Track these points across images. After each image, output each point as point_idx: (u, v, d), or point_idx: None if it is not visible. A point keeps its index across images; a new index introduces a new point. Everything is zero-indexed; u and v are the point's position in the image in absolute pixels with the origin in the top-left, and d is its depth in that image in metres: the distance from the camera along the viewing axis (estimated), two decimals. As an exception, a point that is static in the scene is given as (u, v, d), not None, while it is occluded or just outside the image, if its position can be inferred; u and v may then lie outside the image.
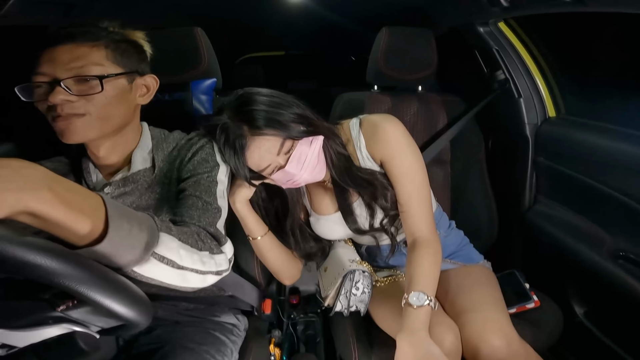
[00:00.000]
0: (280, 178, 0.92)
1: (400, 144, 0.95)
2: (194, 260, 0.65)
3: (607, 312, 1.16)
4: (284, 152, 0.88)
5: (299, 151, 0.88)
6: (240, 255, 1.09)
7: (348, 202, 1.02)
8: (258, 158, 0.87)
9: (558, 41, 1.34)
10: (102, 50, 0.76)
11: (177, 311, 0.98)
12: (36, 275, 0.39)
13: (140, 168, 0.86)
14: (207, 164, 0.85)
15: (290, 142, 0.87)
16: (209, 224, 0.77)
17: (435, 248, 0.93)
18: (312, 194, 1.08)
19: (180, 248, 0.63)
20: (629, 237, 1.02)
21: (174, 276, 0.62)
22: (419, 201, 0.96)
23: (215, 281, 0.72)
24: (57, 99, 0.71)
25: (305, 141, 0.89)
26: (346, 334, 1.05)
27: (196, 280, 0.67)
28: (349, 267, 1.03)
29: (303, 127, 0.88)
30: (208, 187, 0.82)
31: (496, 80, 1.41)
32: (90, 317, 0.50)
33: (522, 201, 1.39)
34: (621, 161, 1.05)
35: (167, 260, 0.60)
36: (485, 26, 1.36)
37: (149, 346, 0.87)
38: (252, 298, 1.07)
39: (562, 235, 1.21)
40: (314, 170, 0.92)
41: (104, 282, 0.45)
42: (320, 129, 0.91)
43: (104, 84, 0.74)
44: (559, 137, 1.27)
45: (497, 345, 0.87)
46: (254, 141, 0.85)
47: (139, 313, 0.48)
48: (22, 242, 0.39)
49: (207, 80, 1.13)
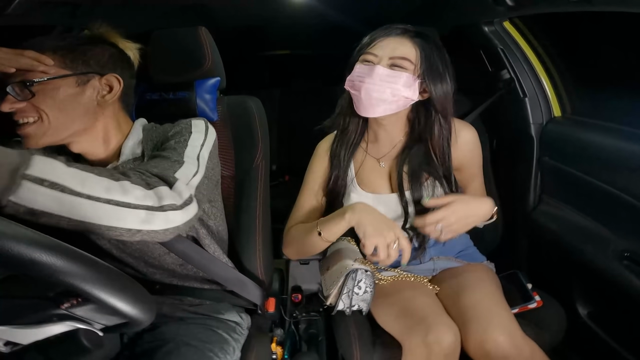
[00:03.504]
0: (361, 71, 0.95)
1: (477, 151, 1.07)
2: (104, 187, 0.58)
3: (612, 313, 1.15)
4: (396, 65, 0.92)
5: (399, 77, 0.91)
6: (243, 254, 1.10)
7: (416, 182, 1.01)
8: (401, 45, 0.93)
9: (564, 40, 1.33)
10: (50, 56, 0.77)
11: (182, 307, 0.99)
12: (38, 273, 0.40)
13: (129, 157, 0.88)
14: (179, 134, 0.85)
15: (414, 71, 0.93)
16: (154, 167, 0.71)
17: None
18: (362, 170, 1.08)
19: (74, 173, 0.57)
20: (634, 237, 1.01)
21: (80, 208, 0.55)
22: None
23: (168, 224, 0.64)
24: (5, 107, 0.74)
25: (411, 82, 0.92)
26: (348, 333, 1.05)
27: (128, 217, 0.59)
28: (351, 266, 1.03)
29: (438, 82, 0.94)
30: (174, 148, 0.80)
31: (501, 80, 1.40)
32: (94, 315, 0.50)
33: (527, 201, 1.38)
34: (627, 161, 1.04)
35: (50, 183, 0.53)
36: (490, 25, 1.35)
37: (152, 343, 0.88)
38: (255, 296, 1.07)
39: (566, 235, 1.20)
40: (380, 100, 0.93)
41: (107, 280, 0.45)
42: (437, 100, 0.95)
43: (35, 88, 0.75)
44: (564, 137, 1.26)
45: (501, 341, 0.88)
46: (408, 40, 0.94)
47: (142, 311, 0.49)
48: (24, 238, 0.40)
49: (211, 80, 1.13)
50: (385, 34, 0.95)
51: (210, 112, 1.12)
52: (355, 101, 0.99)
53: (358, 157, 1.09)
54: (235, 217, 1.11)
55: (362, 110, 0.97)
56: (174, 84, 1.13)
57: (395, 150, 1.06)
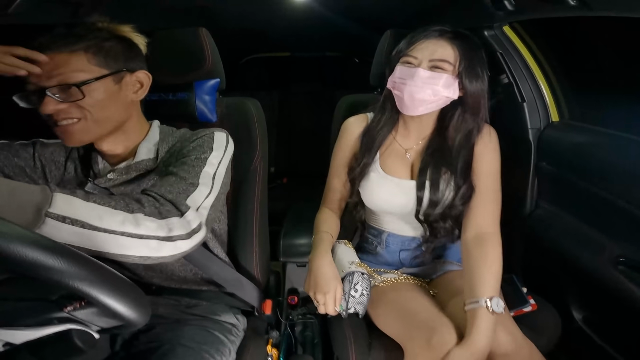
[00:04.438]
0: (402, 72, 0.98)
1: (496, 148, 1.05)
2: (118, 221, 0.61)
3: (606, 318, 1.15)
4: (437, 67, 0.95)
5: (439, 78, 0.94)
6: (240, 256, 1.10)
7: (437, 176, 1.02)
8: (440, 47, 0.96)
9: (563, 45, 1.33)
10: (82, 55, 0.78)
11: (179, 308, 0.99)
12: (31, 272, 0.40)
13: (144, 158, 0.89)
14: (200, 149, 0.86)
15: (453, 71, 0.96)
16: (169, 192, 0.73)
17: (500, 247, 0.98)
18: (386, 154, 1.10)
19: (91, 208, 0.59)
20: (630, 243, 1.01)
21: (96, 240, 0.59)
22: (496, 199, 1.03)
23: (174, 251, 0.67)
24: (48, 109, 0.74)
25: (451, 81, 0.96)
26: (344, 335, 1.06)
27: (137, 247, 0.63)
28: (347, 268, 1.03)
29: (474, 81, 0.97)
30: (192, 166, 0.81)
31: (500, 84, 1.40)
32: (95, 318, 0.50)
33: (524, 206, 1.38)
34: (624, 167, 1.04)
35: (72, 220, 0.56)
36: (489, 30, 1.35)
37: (148, 345, 0.88)
38: (252, 298, 1.07)
39: (562, 240, 1.20)
40: (422, 100, 0.96)
41: (100, 278, 0.44)
42: (472, 98, 0.98)
43: (85, 89, 0.76)
44: (561, 142, 1.27)
45: (502, 340, 0.89)
46: (446, 42, 0.97)
47: (136, 311, 0.48)
48: (19, 238, 0.40)
49: (211, 81, 1.14)
50: (424, 36, 0.98)
51: (209, 114, 1.13)
52: (397, 101, 1.02)
53: (386, 142, 1.11)
54: (232, 219, 1.11)
55: (404, 109, 1.01)
56: (174, 84, 1.13)
57: (422, 143, 1.09)
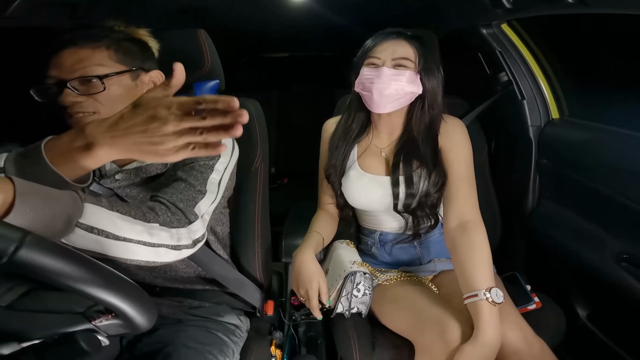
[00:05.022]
0: (369, 73, 1.02)
1: (464, 138, 1.08)
2: (137, 231, 0.64)
3: (610, 315, 1.15)
4: (400, 65, 1.00)
5: (403, 75, 0.99)
6: (242, 257, 1.10)
7: (409, 169, 1.06)
8: (400, 47, 1.02)
9: (561, 43, 1.33)
10: (104, 51, 0.79)
11: (181, 309, 0.98)
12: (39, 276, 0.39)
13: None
14: (208, 157, 0.86)
15: (415, 68, 1.01)
16: (180, 200, 0.76)
17: (485, 234, 0.99)
18: (364, 155, 1.14)
19: (115, 218, 0.62)
20: (632, 239, 1.01)
21: (115, 248, 0.62)
22: (471, 186, 1.04)
23: (177, 257, 0.71)
24: (67, 100, 0.76)
25: (414, 78, 1.01)
26: (347, 335, 1.05)
27: (147, 254, 0.66)
28: (350, 268, 1.03)
29: (430, 76, 1.02)
30: (200, 172, 0.83)
31: (499, 82, 1.40)
32: (115, 328, 0.50)
33: (525, 204, 1.38)
34: (624, 164, 1.04)
35: (98, 230, 0.59)
36: (488, 28, 1.35)
37: (152, 346, 0.88)
38: (254, 298, 1.07)
39: (565, 237, 1.20)
40: (390, 96, 1.01)
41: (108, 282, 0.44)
42: (430, 93, 1.03)
43: (106, 82, 0.77)
44: (562, 140, 1.27)
45: (513, 337, 0.89)
46: (405, 41, 1.02)
47: (144, 315, 0.48)
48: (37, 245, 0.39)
49: (210, 82, 1.13)
50: (383, 38, 1.04)
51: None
52: (367, 100, 1.06)
53: (363, 144, 1.15)
54: (234, 220, 1.11)
55: (375, 107, 1.05)
56: (173, 86, 1.12)
57: (395, 141, 1.12)
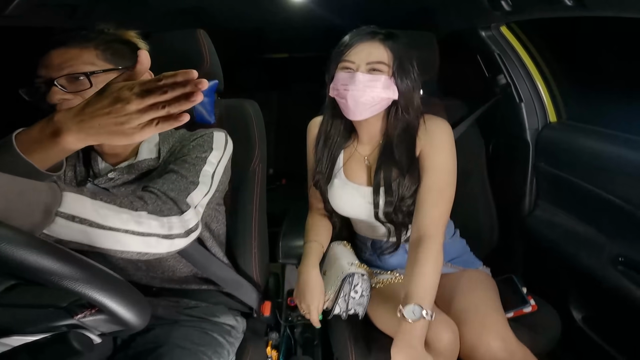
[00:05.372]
0: (343, 79, 0.98)
1: (444, 140, 1.01)
2: (123, 220, 0.62)
3: (606, 318, 1.15)
4: (375, 70, 0.96)
5: (378, 81, 0.95)
6: (239, 257, 1.10)
7: (388, 177, 1.02)
8: (375, 49, 0.97)
9: (560, 45, 1.34)
10: (92, 51, 0.80)
11: (177, 310, 0.98)
12: (32, 276, 0.40)
13: (146, 157, 0.89)
14: (200, 148, 0.87)
15: (389, 72, 0.96)
16: (171, 190, 0.75)
17: (438, 251, 0.93)
18: (349, 162, 1.12)
19: (99, 207, 0.60)
20: (628, 242, 1.02)
21: (102, 239, 0.60)
22: (437, 199, 0.97)
23: (170, 248, 0.69)
24: (55, 98, 0.75)
25: (389, 83, 0.96)
26: (344, 337, 1.05)
27: (137, 244, 0.64)
28: (348, 270, 1.03)
29: (404, 78, 0.97)
30: (193, 164, 0.83)
31: (497, 85, 1.41)
32: (101, 324, 0.50)
33: (523, 206, 1.38)
34: (622, 167, 1.04)
35: (81, 219, 0.57)
36: (487, 30, 1.35)
37: (146, 346, 0.88)
38: (251, 299, 1.07)
39: (561, 240, 1.20)
40: (365, 103, 0.97)
41: (100, 281, 0.44)
42: (404, 96, 0.99)
43: (93, 80, 0.78)
44: (559, 143, 1.27)
45: (494, 346, 0.88)
46: (380, 43, 0.98)
47: (136, 314, 0.48)
48: (18, 241, 0.40)
49: (210, 82, 1.13)
50: (358, 39, 0.99)
51: (207, 115, 1.12)
52: (342, 107, 1.02)
53: (348, 151, 1.13)
54: (231, 220, 1.11)
55: (350, 115, 1.01)
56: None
57: (376, 148, 1.09)
